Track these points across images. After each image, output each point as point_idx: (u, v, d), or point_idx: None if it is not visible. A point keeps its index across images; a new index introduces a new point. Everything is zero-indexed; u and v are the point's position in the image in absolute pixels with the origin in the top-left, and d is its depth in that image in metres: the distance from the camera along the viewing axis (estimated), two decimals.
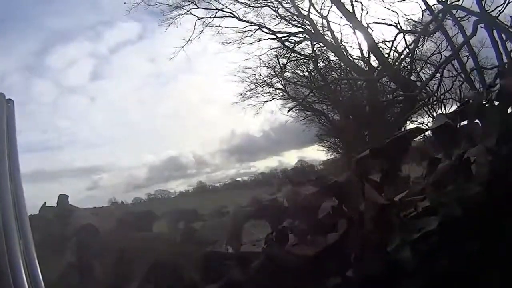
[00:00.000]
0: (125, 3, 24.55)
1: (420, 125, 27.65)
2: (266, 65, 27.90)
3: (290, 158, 69.60)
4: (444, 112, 25.71)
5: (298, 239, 7.13)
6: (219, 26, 26.04)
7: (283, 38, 26.61)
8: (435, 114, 27.29)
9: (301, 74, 29.15)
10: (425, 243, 6.46)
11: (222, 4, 25.58)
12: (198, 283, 7.81)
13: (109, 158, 53.01)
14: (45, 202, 12.87)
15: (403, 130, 25.57)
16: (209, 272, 7.71)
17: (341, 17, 24.66)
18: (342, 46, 25.73)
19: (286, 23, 26.39)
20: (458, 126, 7.27)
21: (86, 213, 12.59)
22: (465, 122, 7.43)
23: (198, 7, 25.34)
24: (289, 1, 25.42)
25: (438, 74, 22.69)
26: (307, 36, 26.25)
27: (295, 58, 28.13)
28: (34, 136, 44.86)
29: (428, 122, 27.87)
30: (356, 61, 26.21)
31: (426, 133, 8.79)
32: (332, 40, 25.52)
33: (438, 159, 7.65)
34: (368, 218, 6.53)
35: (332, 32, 25.53)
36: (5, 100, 2.34)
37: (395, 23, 24.19)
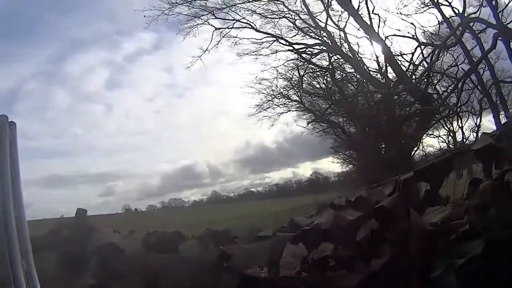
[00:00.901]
0: (144, 16, 24.61)
1: (436, 138, 27.53)
2: (283, 76, 27.91)
3: (305, 169, 69.98)
4: (460, 125, 25.55)
5: (339, 265, 6.98)
6: (236, 37, 26.12)
7: (300, 50, 26.53)
8: (451, 127, 27.13)
9: (318, 86, 29.19)
10: (471, 268, 6.32)
11: (239, 15, 25.60)
12: None
13: (123, 165, 53.68)
14: (63, 215, 12.64)
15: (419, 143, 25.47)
16: None
17: (358, 29, 24.57)
18: (359, 58, 25.62)
19: (304, 34, 26.43)
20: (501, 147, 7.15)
21: (107, 230, 12.22)
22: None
23: (216, 17, 25.40)
24: (307, 13, 25.38)
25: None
26: (324, 48, 26.16)
27: (312, 70, 28.13)
28: (50, 142, 45.50)
29: (444, 134, 27.71)
30: (373, 73, 26.04)
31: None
32: (349, 52, 25.43)
33: (479, 179, 7.52)
34: (414, 243, 6.38)
35: (349, 44, 25.46)
36: (8, 122, 2.34)
37: (413, 35, 24.01)
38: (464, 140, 25.58)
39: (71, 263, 9.06)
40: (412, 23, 23.97)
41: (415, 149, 25.73)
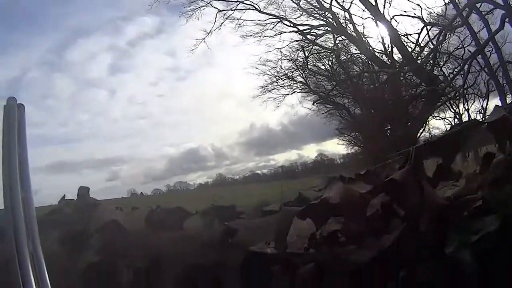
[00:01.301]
0: None
1: (442, 120, 27.36)
2: (287, 58, 27.75)
3: (310, 151, 70.05)
4: (467, 107, 25.35)
5: (349, 241, 6.80)
6: (239, 18, 25.85)
7: (304, 31, 26.32)
8: (457, 110, 26.94)
9: (323, 67, 28.95)
10: (485, 245, 6.16)
11: None
12: None
13: (129, 150, 54.09)
14: (64, 195, 12.50)
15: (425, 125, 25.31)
16: (251, 276, 7.33)
17: (364, 10, 24.35)
18: (364, 39, 25.42)
19: (308, 15, 26.08)
20: None
21: (110, 207, 12.07)
22: None
23: None
24: None
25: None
26: (329, 29, 25.91)
27: (316, 51, 27.90)
28: (56, 129, 45.61)
29: (450, 117, 27.52)
30: (378, 54, 25.84)
31: None
32: (354, 33, 25.19)
33: (493, 154, 7.32)
34: (426, 218, 6.20)
35: (354, 25, 25.21)
36: (17, 104, 2.36)
37: (419, 16, 23.73)
38: None
39: (73, 241, 8.94)
40: (418, 4, 23.62)
41: (421, 131, 25.63)
